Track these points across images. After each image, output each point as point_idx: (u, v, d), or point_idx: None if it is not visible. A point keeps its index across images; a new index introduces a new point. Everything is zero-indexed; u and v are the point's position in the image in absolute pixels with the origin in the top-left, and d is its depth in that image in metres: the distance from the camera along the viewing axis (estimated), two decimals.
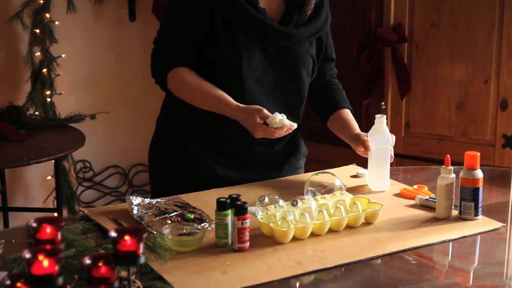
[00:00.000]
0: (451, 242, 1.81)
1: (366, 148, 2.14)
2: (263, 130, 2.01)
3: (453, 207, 1.94)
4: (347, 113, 2.30)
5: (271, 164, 2.27)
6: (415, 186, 2.13)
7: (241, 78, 2.11)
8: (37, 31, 3.65)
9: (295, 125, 2.02)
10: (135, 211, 1.89)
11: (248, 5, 2.09)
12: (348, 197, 1.93)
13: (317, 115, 2.37)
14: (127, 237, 1.27)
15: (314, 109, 2.38)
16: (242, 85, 2.11)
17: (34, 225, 1.29)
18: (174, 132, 2.24)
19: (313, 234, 1.80)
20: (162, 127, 2.30)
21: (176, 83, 2.14)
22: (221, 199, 1.74)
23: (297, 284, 1.61)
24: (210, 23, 2.09)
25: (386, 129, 2.10)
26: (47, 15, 3.65)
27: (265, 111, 2.02)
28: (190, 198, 2.03)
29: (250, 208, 1.78)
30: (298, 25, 2.16)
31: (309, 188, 2.01)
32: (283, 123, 1.99)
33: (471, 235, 1.84)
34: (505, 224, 1.88)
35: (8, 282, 1.20)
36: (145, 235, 1.29)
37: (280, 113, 2.01)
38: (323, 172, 2.05)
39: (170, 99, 2.24)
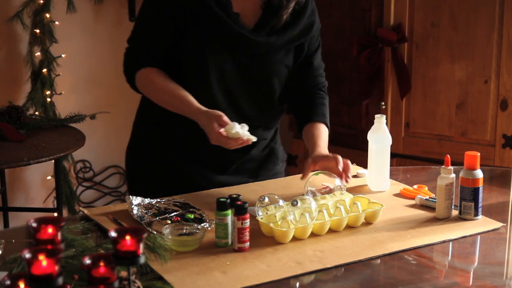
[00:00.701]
0: (451, 242, 1.81)
1: (303, 175, 2.04)
2: (218, 138, 1.93)
3: (453, 207, 1.94)
4: (316, 127, 2.18)
5: (247, 169, 2.22)
6: (415, 186, 2.12)
7: (210, 85, 2.06)
8: (37, 31, 3.65)
9: (254, 139, 1.93)
10: (135, 211, 1.89)
11: (220, 9, 2.02)
12: (348, 197, 1.93)
13: (296, 125, 2.29)
14: (127, 237, 1.27)
15: (295, 118, 2.29)
16: (211, 91, 2.07)
17: (34, 225, 1.29)
18: (149, 135, 2.22)
19: (313, 234, 1.80)
20: (138, 130, 2.27)
21: (143, 82, 2.10)
22: (221, 199, 1.74)
23: (297, 284, 1.61)
24: (181, 25, 2.04)
25: (386, 129, 2.10)
26: (47, 15, 3.64)
27: (225, 118, 1.93)
28: (190, 198, 2.03)
29: (250, 208, 1.78)
30: (273, 32, 2.08)
31: (309, 188, 2.00)
32: (239, 135, 1.91)
33: (471, 235, 1.84)
34: (505, 224, 1.88)
35: (8, 282, 1.20)
36: (145, 235, 1.29)
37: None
38: (323, 172, 2.05)
39: (145, 103, 2.21)
